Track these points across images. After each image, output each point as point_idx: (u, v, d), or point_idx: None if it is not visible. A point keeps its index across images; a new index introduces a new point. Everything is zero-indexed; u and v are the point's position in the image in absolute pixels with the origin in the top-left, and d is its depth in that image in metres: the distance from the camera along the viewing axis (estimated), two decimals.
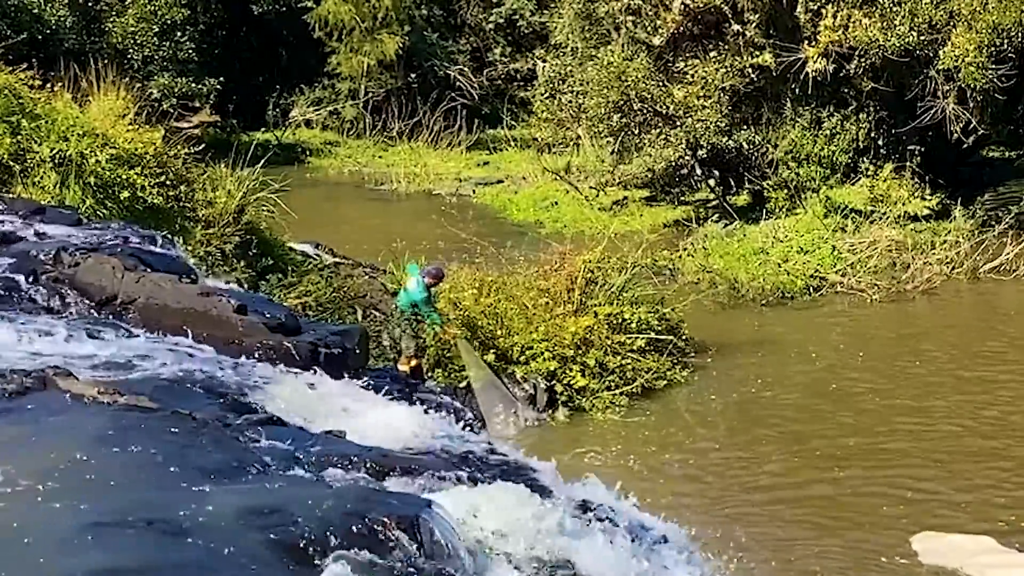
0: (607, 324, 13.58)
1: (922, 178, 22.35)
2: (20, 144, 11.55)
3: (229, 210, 13.48)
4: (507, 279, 14.29)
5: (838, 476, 11.07)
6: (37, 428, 5.05)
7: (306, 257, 15.68)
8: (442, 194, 29.96)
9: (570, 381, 12.95)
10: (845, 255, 19.37)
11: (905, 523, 9.86)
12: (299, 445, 5.29)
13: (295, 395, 6.47)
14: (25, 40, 23.90)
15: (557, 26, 29.90)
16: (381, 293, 14.79)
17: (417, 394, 11.18)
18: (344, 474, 5.05)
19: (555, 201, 26.70)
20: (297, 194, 19.27)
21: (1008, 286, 18.60)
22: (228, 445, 5.05)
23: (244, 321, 7.78)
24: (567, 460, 10.95)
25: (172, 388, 5.92)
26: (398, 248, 15.67)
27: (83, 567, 3.74)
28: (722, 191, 24.18)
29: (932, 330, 16.64)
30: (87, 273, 8.09)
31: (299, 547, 4.06)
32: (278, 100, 38.41)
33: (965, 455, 11.54)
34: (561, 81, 25.83)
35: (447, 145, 35.01)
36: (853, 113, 22.51)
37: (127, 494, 4.34)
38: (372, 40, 37.01)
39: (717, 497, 10.66)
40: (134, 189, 12.14)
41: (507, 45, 42.75)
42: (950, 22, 19.94)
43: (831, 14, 21.01)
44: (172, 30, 31.43)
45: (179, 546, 3.95)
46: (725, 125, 22.76)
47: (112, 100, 13.74)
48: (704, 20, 22.78)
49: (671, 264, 19.17)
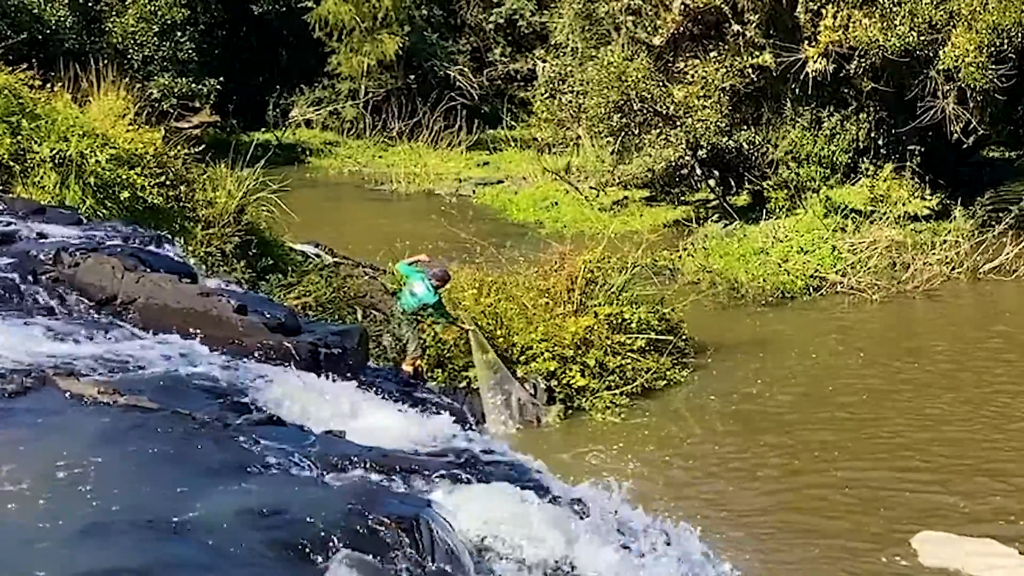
0: (607, 324, 13.59)
1: (922, 178, 22.35)
2: (20, 144, 11.53)
3: (229, 210, 13.47)
4: (507, 279, 14.31)
5: (838, 476, 11.07)
6: (37, 428, 5.05)
7: (306, 257, 15.67)
8: (442, 194, 29.96)
9: (570, 381, 12.96)
10: (845, 255, 19.37)
11: (905, 523, 9.86)
12: (299, 445, 5.29)
13: (295, 395, 6.46)
14: (25, 40, 23.91)
15: (557, 26, 29.90)
16: (381, 293, 14.79)
17: (417, 394, 11.19)
18: (344, 474, 5.04)
19: (555, 201, 26.70)
20: (297, 194, 19.27)
21: (1008, 286, 18.60)
22: (228, 445, 5.05)
23: (244, 321, 7.77)
24: (567, 460, 10.97)
25: (172, 388, 5.92)
26: (398, 248, 15.66)
27: (83, 567, 3.74)
28: (722, 191, 24.19)
29: (932, 330, 16.64)
30: (87, 273, 8.08)
31: (299, 547, 4.06)
32: (278, 100, 38.41)
33: (965, 455, 11.54)
34: (561, 81, 25.83)
35: (447, 145, 35.01)
36: (853, 113, 22.51)
37: (127, 494, 4.34)
38: (372, 40, 37.00)
39: (717, 497, 10.67)
40: (134, 189, 12.13)
41: (507, 45, 42.75)
42: (950, 22, 19.94)
43: (831, 14, 21.02)
44: (172, 30, 31.42)
45: (179, 546, 3.95)
46: (725, 125, 22.76)
47: (112, 100, 13.73)
48: (704, 20, 22.79)
49: (671, 264, 19.19)
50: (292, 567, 3.98)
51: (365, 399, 7.00)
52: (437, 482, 5.20)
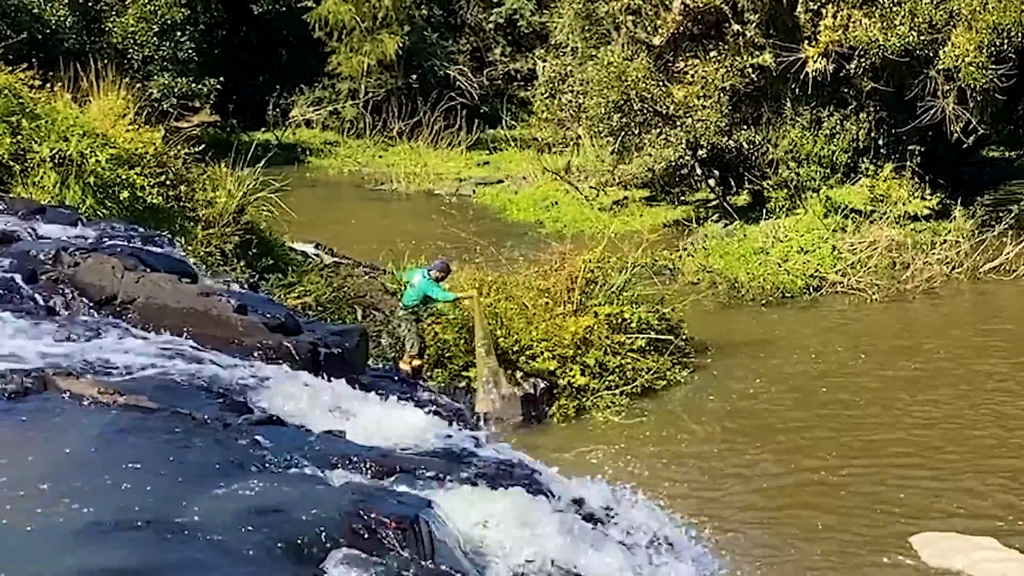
0: (607, 324, 13.59)
1: (922, 178, 22.34)
2: (20, 144, 11.53)
3: (229, 210, 13.47)
4: (507, 279, 14.32)
5: (838, 475, 11.07)
6: (37, 428, 5.05)
7: (306, 257, 15.68)
8: (442, 194, 29.96)
9: (570, 380, 12.96)
10: (845, 255, 19.37)
11: (905, 523, 9.87)
12: (299, 445, 5.29)
13: (295, 395, 6.47)
14: (25, 40, 23.90)
15: (557, 26, 29.86)
16: (381, 293, 14.79)
17: (417, 394, 11.19)
18: (344, 474, 5.05)
19: (555, 201, 26.71)
20: (297, 194, 19.26)
21: (1008, 286, 18.60)
22: (228, 445, 5.05)
23: (244, 321, 7.77)
24: (567, 459, 10.95)
25: (172, 388, 5.92)
26: (398, 248, 15.67)
27: (83, 567, 3.74)
28: (722, 191, 24.18)
29: (932, 330, 16.63)
30: (87, 273, 8.08)
31: (299, 547, 4.06)
32: (278, 100, 38.41)
33: (966, 455, 11.54)
34: (561, 81, 25.81)
35: (447, 145, 35.01)
36: (853, 113, 22.50)
37: (127, 494, 4.34)
38: (372, 40, 36.99)
39: (717, 497, 10.67)
40: (134, 189, 12.12)
41: (507, 45, 42.74)
42: (950, 22, 19.93)
43: (831, 14, 21.01)
44: (172, 30, 31.43)
45: (179, 546, 3.95)
46: (725, 125, 22.75)
47: (112, 100, 13.72)
48: (704, 20, 22.78)
49: (671, 264, 19.19)
50: (292, 567, 3.98)
51: (365, 399, 7.00)
52: (437, 482, 5.20)
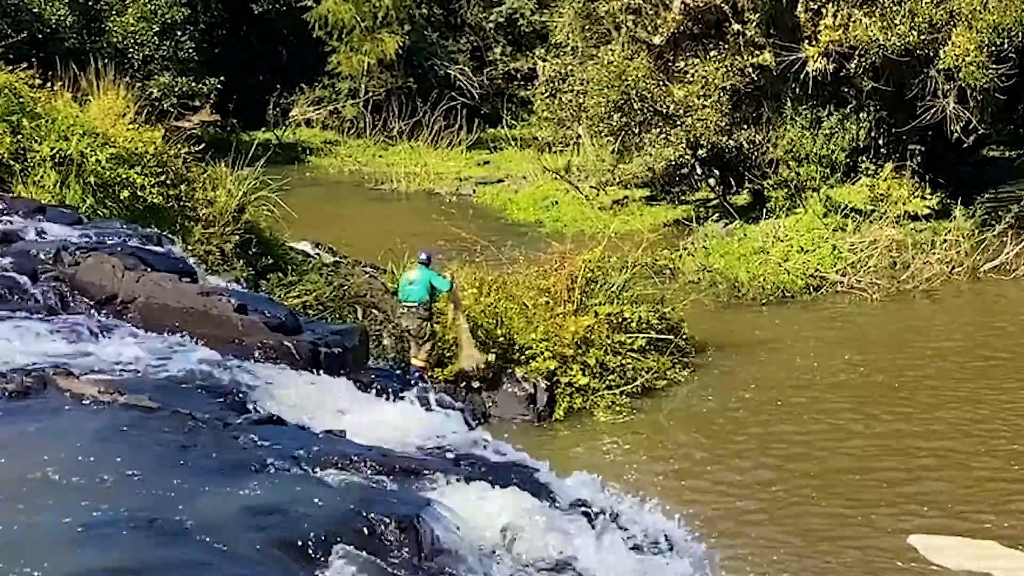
0: (607, 323, 13.59)
1: (922, 177, 22.34)
2: (20, 143, 11.53)
3: (229, 209, 13.47)
4: (507, 278, 14.31)
5: (838, 475, 11.07)
6: (37, 428, 5.05)
7: (306, 256, 15.67)
8: (442, 193, 29.96)
9: (571, 380, 12.96)
10: (845, 254, 19.38)
11: (905, 523, 9.87)
12: (299, 445, 5.28)
13: (295, 395, 6.46)
14: (25, 39, 23.86)
15: (557, 25, 29.85)
16: (381, 292, 14.78)
17: (418, 393, 11.18)
18: (344, 474, 5.04)
19: (555, 201, 26.70)
20: (297, 194, 19.27)
21: (1008, 286, 18.61)
22: (228, 445, 5.04)
23: (244, 320, 7.76)
24: (568, 459, 10.96)
25: (172, 388, 5.91)
26: (398, 248, 15.66)
27: (83, 567, 3.74)
28: (722, 190, 24.18)
29: (932, 329, 16.64)
30: (87, 272, 8.07)
31: (299, 547, 4.05)
32: (278, 99, 38.39)
33: (966, 455, 11.55)
34: (561, 80, 25.81)
35: (447, 145, 35.00)
36: (853, 112, 22.51)
37: (127, 494, 4.33)
38: (372, 39, 36.98)
39: (717, 496, 10.67)
40: (134, 188, 12.13)
41: (507, 44, 42.73)
42: (950, 22, 19.93)
43: (831, 13, 21.01)
44: (172, 29, 31.43)
45: (179, 546, 3.95)
46: (725, 124, 22.75)
47: (112, 99, 13.70)
48: (704, 19, 22.79)
49: (671, 264, 19.18)
50: (292, 567, 3.97)
51: (365, 398, 6.99)
52: (437, 481, 5.19)
